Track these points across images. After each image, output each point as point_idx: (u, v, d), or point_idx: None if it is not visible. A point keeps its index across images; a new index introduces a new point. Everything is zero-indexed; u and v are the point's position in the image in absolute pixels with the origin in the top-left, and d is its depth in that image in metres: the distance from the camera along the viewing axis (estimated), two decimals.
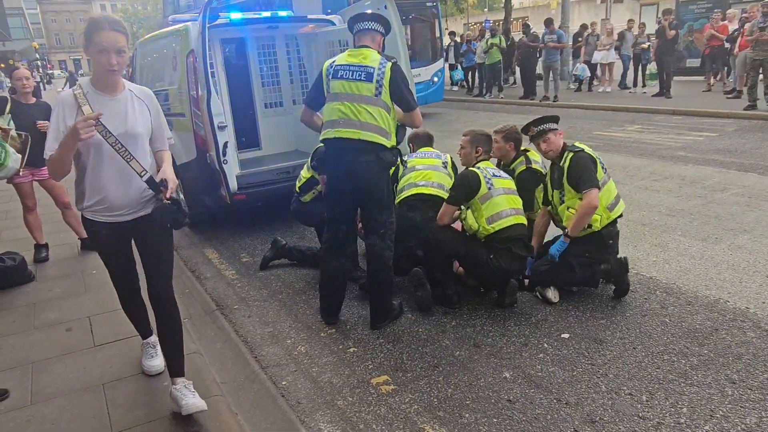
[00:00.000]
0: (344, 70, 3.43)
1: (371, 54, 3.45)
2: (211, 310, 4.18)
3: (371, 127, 3.39)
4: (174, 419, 2.76)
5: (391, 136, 3.48)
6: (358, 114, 3.38)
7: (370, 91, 3.37)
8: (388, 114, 3.44)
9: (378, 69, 3.38)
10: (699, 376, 2.97)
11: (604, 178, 3.76)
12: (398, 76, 3.42)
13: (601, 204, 3.69)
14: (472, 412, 2.83)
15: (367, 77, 3.38)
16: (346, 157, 3.46)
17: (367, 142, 3.39)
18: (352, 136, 3.40)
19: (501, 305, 3.85)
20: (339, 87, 3.44)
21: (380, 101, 3.39)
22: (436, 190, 4.11)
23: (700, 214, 5.36)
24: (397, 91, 3.43)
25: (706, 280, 4.04)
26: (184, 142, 5.79)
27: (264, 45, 6.76)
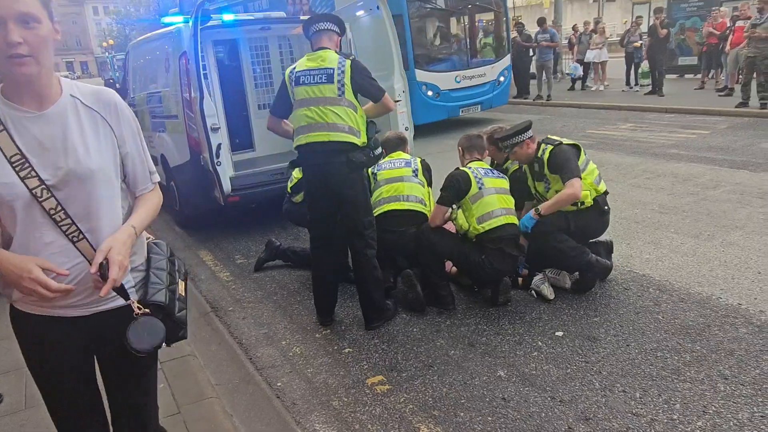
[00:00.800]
0: (305, 75, 3.45)
1: (329, 55, 3.46)
2: (205, 312, 4.18)
3: (340, 127, 3.41)
4: (168, 421, 2.75)
5: (361, 134, 3.50)
6: (324, 116, 3.40)
7: (333, 92, 3.39)
8: (354, 112, 3.46)
9: (338, 69, 3.40)
10: (692, 372, 2.99)
11: (585, 159, 3.87)
12: (358, 72, 3.45)
13: (587, 181, 3.79)
14: (466, 410, 2.84)
15: (327, 79, 3.39)
16: (318, 160, 3.49)
17: (338, 142, 3.41)
18: (322, 139, 3.42)
19: (495, 304, 3.87)
20: (302, 93, 3.45)
21: (345, 100, 3.42)
22: (409, 204, 4.04)
23: (692, 211, 5.39)
24: (360, 87, 3.47)
25: (699, 277, 4.06)
26: (178, 145, 5.80)
27: (257, 46, 6.76)
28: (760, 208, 5.30)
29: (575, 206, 3.80)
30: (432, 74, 10.40)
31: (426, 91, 10.23)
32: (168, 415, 2.79)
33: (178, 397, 2.95)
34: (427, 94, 10.26)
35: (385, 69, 6.00)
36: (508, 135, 3.92)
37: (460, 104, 10.82)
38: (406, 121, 5.89)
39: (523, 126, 3.90)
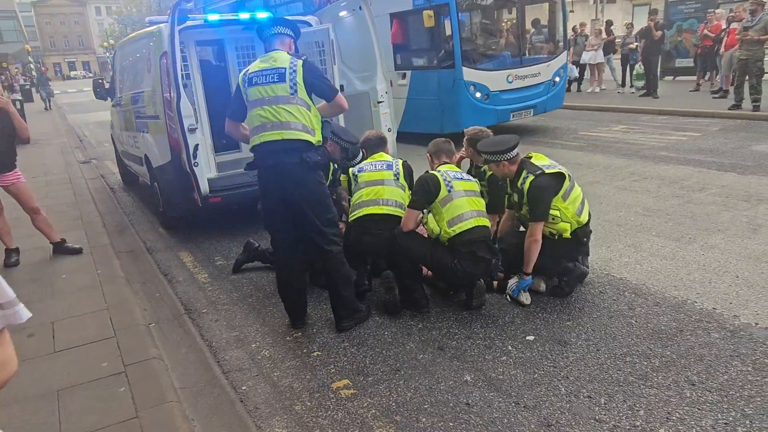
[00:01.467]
0: (257, 76, 3.44)
1: (281, 55, 3.47)
2: (179, 314, 4.15)
3: (293, 125, 3.40)
4: (125, 426, 2.73)
5: (316, 133, 3.49)
6: (278, 115, 3.39)
7: (285, 91, 3.39)
8: (308, 111, 3.45)
9: (290, 68, 3.41)
10: (659, 378, 2.95)
11: (570, 185, 3.76)
12: (310, 71, 3.46)
13: (569, 212, 3.74)
14: (429, 416, 2.80)
15: (279, 78, 3.39)
16: (271, 161, 3.46)
17: (291, 140, 3.40)
18: (276, 137, 3.41)
19: (469, 307, 3.83)
20: (255, 93, 3.44)
21: (298, 99, 3.41)
22: (389, 208, 3.98)
23: (676, 214, 5.35)
24: (313, 86, 3.47)
25: (676, 281, 4.02)
26: (159, 145, 5.77)
27: (243, 46, 6.73)
28: (744, 211, 5.25)
29: (552, 237, 3.77)
30: (481, 73, 9.19)
31: (474, 92, 9.10)
32: (124, 420, 2.76)
33: (138, 401, 2.92)
34: (474, 95, 9.11)
35: (368, 70, 5.98)
36: (487, 150, 3.84)
37: (512, 108, 9.58)
38: (389, 122, 5.86)
39: (505, 147, 3.75)
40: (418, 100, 9.63)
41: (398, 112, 9.34)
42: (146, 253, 5.54)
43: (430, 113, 9.43)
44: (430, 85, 9.37)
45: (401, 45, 9.86)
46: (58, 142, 13.61)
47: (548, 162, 3.83)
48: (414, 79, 9.67)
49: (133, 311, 4.02)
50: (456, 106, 9.09)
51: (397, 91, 9.57)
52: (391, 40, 9.68)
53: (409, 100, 9.79)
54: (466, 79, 9.02)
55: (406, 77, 9.77)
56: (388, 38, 9.60)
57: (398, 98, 9.41)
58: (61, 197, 7.73)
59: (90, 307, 4.11)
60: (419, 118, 9.64)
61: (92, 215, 6.69)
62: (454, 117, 9.11)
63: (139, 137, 6.53)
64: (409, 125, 9.63)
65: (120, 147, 8.23)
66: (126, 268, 4.97)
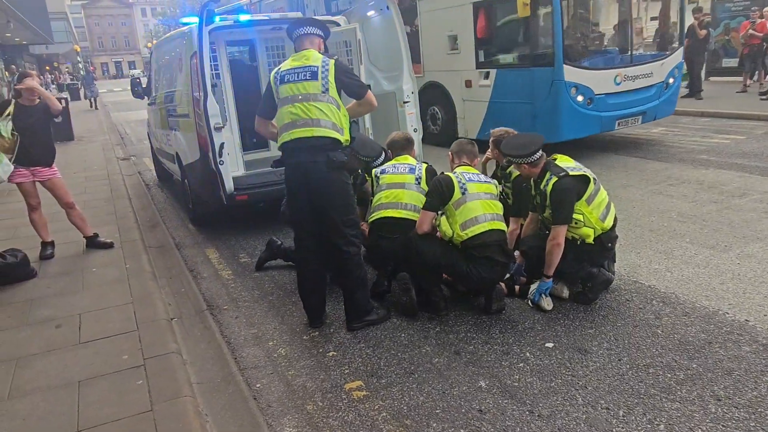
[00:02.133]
0: (290, 74, 3.48)
1: (313, 54, 3.51)
2: (201, 310, 4.21)
3: (323, 123, 3.43)
4: (139, 419, 2.78)
5: (344, 132, 3.50)
6: (308, 112, 3.42)
7: (317, 89, 3.42)
8: (338, 110, 3.48)
9: (322, 66, 3.44)
10: (683, 391, 2.82)
11: (594, 188, 3.65)
12: (341, 71, 3.49)
13: (593, 217, 3.65)
14: (440, 421, 2.75)
15: (312, 76, 3.42)
16: (300, 158, 3.48)
17: (320, 137, 3.42)
18: (306, 134, 3.43)
19: (488, 312, 3.75)
20: (287, 90, 3.47)
21: (328, 97, 3.44)
22: (407, 212, 3.94)
23: (712, 220, 5.13)
24: (344, 84, 3.49)
25: (708, 290, 3.85)
26: (189, 143, 5.88)
27: (274, 46, 6.80)
28: None
29: (575, 241, 3.68)
30: (585, 72, 7.57)
31: (575, 95, 7.48)
32: (139, 413, 2.81)
33: (154, 394, 2.97)
34: (576, 99, 7.49)
35: (395, 70, 5.95)
36: (510, 153, 3.77)
37: (618, 114, 7.96)
38: (415, 123, 5.82)
39: (529, 150, 3.67)
40: (504, 105, 8.23)
41: (478, 117, 8.70)
42: (174, 248, 5.66)
43: (520, 120, 7.64)
44: (521, 87, 7.89)
45: (486, 39, 8.40)
46: (101, 139, 14.06)
47: (573, 164, 3.72)
48: (500, 79, 8.24)
49: (156, 306, 4.10)
50: (553, 112, 7.53)
51: (478, 92, 8.63)
52: (478, 34, 8.36)
53: (492, 104, 8.42)
54: (567, 79, 7.41)
55: (489, 77, 8.38)
56: (469, 32, 8.46)
57: (478, 101, 8.65)
58: (98, 193, 7.98)
59: (116, 300, 4.21)
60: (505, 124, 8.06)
61: (126, 210, 6.88)
62: (551, 125, 7.50)
63: (171, 135, 6.68)
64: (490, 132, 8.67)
65: (155, 144, 8.43)
66: (154, 263, 5.09)
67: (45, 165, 5.09)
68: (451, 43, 8.90)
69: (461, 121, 9.13)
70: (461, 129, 9.19)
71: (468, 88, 8.80)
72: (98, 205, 7.16)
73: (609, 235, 3.76)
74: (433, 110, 9.72)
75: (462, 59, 8.74)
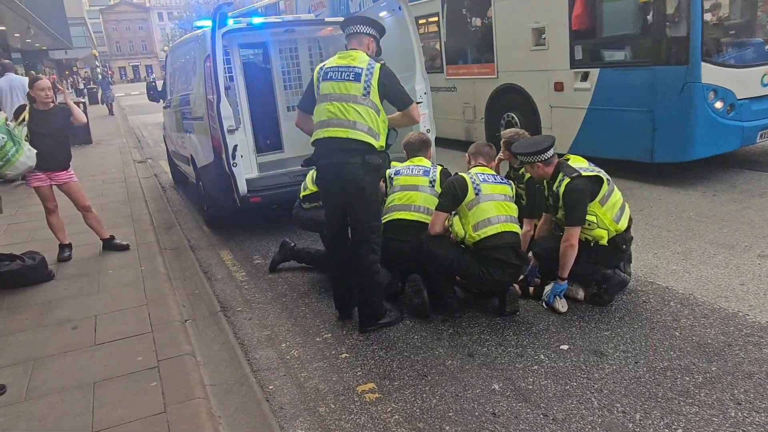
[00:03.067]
0: (333, 71, 3.46)
1: (360, 55, 3.47)
2: (215, 312, 4.23)
3: (360, 126, 3.39)
4: (152, 421, 2.79)
5: (380, 137, 3.46)
6: (346, 113, 3.39)
7: (358, 91, 3.38)
8: (377, 115, 3.43)
9: (366, 69, 3.40)
10: (702, 395, 2.76)
11: (608, 189, 3.60)
12: (387, 76, 3.44)
13: (606, 218, 3.59)
14: (453, 424, 2.73)
15: (355, 77, 3.39)
16: (334, 158, 3.47)
17: (355, 140, 3.39)
18: (341, 135, 3.40)
19: (502, 314, 3.72)
20: (328, 88, 3.46)
21: (369, 101, 3.39)
22: (420, 215, 3.91)
23: (732, 219, 5.03)
24: (388, 91, 3.45)
25: (727, 291, 3.77)
26: (203, 145, 5.92)
27: (287, 48, 6.83)
28: None
29: (588, 243, 3.64)
30: (726, 72, 5.96)
31: (713, 100, 5.89)
32: (152, 414, 2.83)
33: (168, 396, 2.98)
34: (714, 106, 5.90)
35: (408, 70, 5.92)
36: (521, 152, 3.73)
37: (762, 124, 6.30)
38: (428, 124, 5.79)
39: (539, 148, 3.63)
40: (609, 113, 6.52)
41: (570, 127, 6.99)
42: (189, 250, 5.70)
43: (631, 132, 6.35)
44: (635, 91, 6.21)
45: (586, 31, 6.69)
46: (118, 142, 14.24)
47: (586, 164, 3.67)
48: (605, 80, 6.50)
49: (170, 307, 4.13)
50: (684, 123, 5.91)
51: (572, 97, 6.91)
52: (574, 25, 6.70)
53: (592, 112, 6.71)
54: (704, 81, 5.78)
55: (588, 78, 6.66)
56: (562, 23, 6.82)
57: (571, 108, 6.96)
58: (115, 195, 8.07)
59: (131, 302, 4.25)
60: (609, 138, 6.58)
61: (142, 213, 6.95)
62: (679, 139, 5.99)
63: (186, 138, 6.74)
64: (588, 146, 6.66)
65: (171, 147, 8.51)
66: (169, 265, 5.13)
67: (61, 169, 5.16)
68: (536, 38, 7.28)
69: (547, 132, 7.37)
70: None
71: (558, 92, 7.11)
72: (115, 208, 7.25)
73: (623, 237, 3.70)
74: (509, 117, 8.13)
75: (550, 57, 7.09)
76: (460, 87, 9.10)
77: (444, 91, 9.40)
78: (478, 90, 8.66)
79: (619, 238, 3.64)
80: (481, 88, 8.57)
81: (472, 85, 8.77)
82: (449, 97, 9.34)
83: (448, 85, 9.33)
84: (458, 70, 9.09)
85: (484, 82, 8.45)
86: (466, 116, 9.04)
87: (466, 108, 9.00)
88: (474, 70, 8.72)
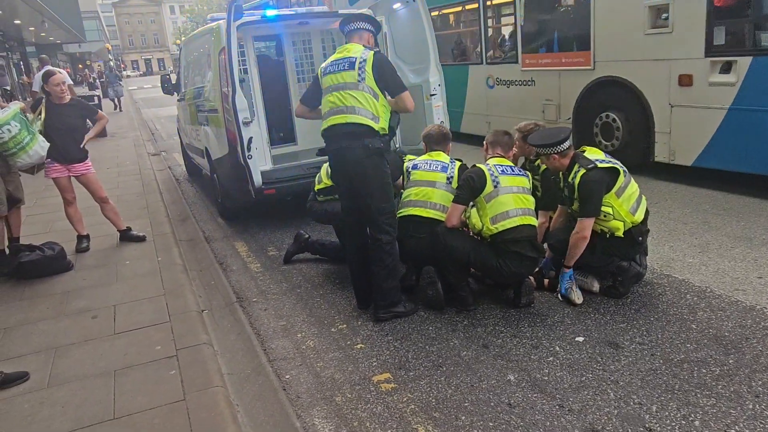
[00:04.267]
0: (332, 65, 3.66)
1: (354, 47, 3.66)
2: (231, 302, 4.27)
3: (357, 110, 3.54)
4: (172, 408, 2.84)
5: (381, 120, 3.58)
6: (344, 100, 3.56)
7: (353, 78, 3.54)
8: (375, 99, 3.56)
9: (360, 57, 3.56)
10: (719, 387, 2.75)
11: (625, 181, 3.58)
12: (380, 63, 3.57)
13: (622, 210, 3.58)
14: (468, 414, 2.75)
15: (350, 66, 3.56)
16: (337, 144, 3.63)
17: (354, 124, 3.54)
18: (340, 121, 3.57)
19: (516, 305, 3.72)
20: (328, 81, 3.65)
21: (364, 86, 3.54)
22: (435, 212, 3.89)
23: (748, 212, 4.98)
24: (381, 77, 3.56)
25: (745, 284, 3.75)
26: (218, 138, 5.96)
27: (300, 41, 6.83)
28: None
29: (604, 234, 3.64)
30: None
31: None
32: (172, 401, 2.88)
33: (186, 384, 3.03)
34: None
35: (421, 62, 5.92)
36: (537, 143, 3.72)
37: None
38: (442, 115, 5.78)
39: (556, 139, 3.61)
40: (762, 115, 5.17)
41: (700, 132, 5.67)
42: (204, 242, 5.75)
43: None
44: None
45: (734, 7, 5.39)
46: (133, 135, 14.35)
47: (603, 156, 3.65)
48: (759, 72, 5.11)
49: (187, 298, 4.18)
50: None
51: (705, 94, 5.56)
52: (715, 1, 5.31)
53: (736, 113, 5.34)
54: None
55: (733, 69, 5.28)
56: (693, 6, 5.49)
57: (703, 108, 5.60)
58: (130, 187, 8.16)
59: (149, 292, 4.31)
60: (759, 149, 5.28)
61: (157, 205, 7.02)
62: None
63: (200, 130, 6.78)
64: (726, 157, 5.54)
65: (185, 140, 8.57)
66: (185, 256, 5.18)
67: (79, 161, 5.22)
68: (654, 18, 5.90)
69: (663, 137, 6.04)
70: (662, 149, 6.09)
71: (684, 87, 5.72)
72: (131, 200, 7.32)
73: (640, 229, 3.67)
74: (606, 118, 6.70)
75: (675, 42, 5.70)
76: (540, 80, 7.62)
77: (517, 84, 8.06)
78: (566, 84, 7.17)
79: (635, 230, 3.63)
80: (570, 82, 7.08)
81: (557, 78, 7.29)
82: (524, 93, 7.94)
83: (523, 78, 7.92)
84: (539, 60, 7.56)
85: (575, 74, 6.97)
86: (547, 116, 7.45)
87: (546, 106, 7.53)
88: (561, 60, 7.19)
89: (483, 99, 8.87)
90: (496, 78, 8.48)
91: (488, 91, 8.70)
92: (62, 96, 5.04)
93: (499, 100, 8.49)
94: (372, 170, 3.59)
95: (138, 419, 2.77)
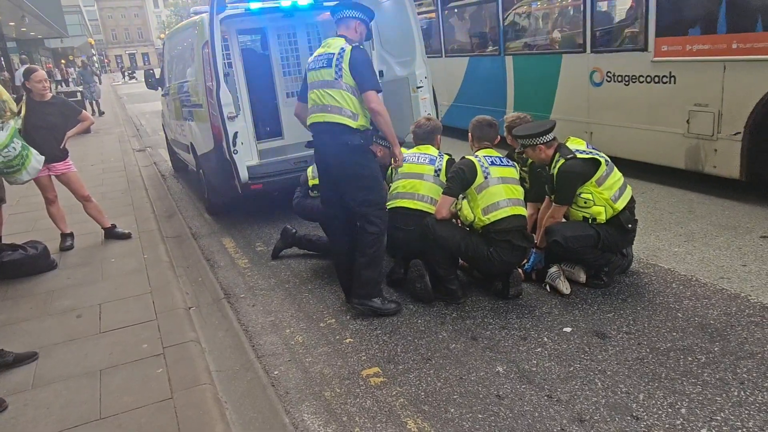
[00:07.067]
0: (314, 61, 3.65)
1: (335, 41, 3.60)
2: (218, 299, 4.24)
3: (333, 109, 3.52)
4: (159, 406, 2.81)
5: (359, 118, 3.54)
6: (322, 98, 3.56)
7: (330, 76, 3.52)
8: (353, 96, 3.52)
9: (338, 54, 3.51)
10: (705, 375, 2.78)
11: (606, 170, 3.61)
12: (355, 58, 3.49)
13: (603, 197, 3.61)
14: (457, 406, 2.75)
15: (327, 63, 3.54)
16: (319, 141, 3.68)
17: (331, 123, 3.54)
18: (319, 120, 3.59)
19: (505, 297, 3.73)
20: (311, 77, 3.66)
21: (342, 83, 3.51)
22: (423, 204, 3.91)
23: (732, 201, 5.03)
24: (354, 73, 3.48)
25: (730, 273, 3.78)
26: (203, 133, 5.90)
27: (285, 34, 6.76)
28: None
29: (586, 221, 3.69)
30: None
31: None
32: (159, 400, 2.85)
33: (174, 382, 3.00)
34: None
35: (407, 55, 5.89)
36: (522, 134, 3.74)
37: None
38: (429, 108, 5.76)
39: (540, 130, 3.67)
40: None
41: None
42: (191, 238, 5.70)
43: None
44: None
45: None
46: (117, 131, 14.19)
47: (584, 147, 3.67)
48: None
49: (174, 295, 4.14)
50: None
51: None
52: None
53: None
54: None
55: None
56: None
57: None
58: (115, 184, 8.06)
59: (135, 290, 4.26)
60: None
61: (143, 201, 6.94)
62: None
63: (185, 125, 6.71)
64: None
65: (170, 135, 8.48)
66: (171, 253, 5.13)
67: (59, 160, 5.13)
68: None
69: None
70: None
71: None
72: (115, 197, 7.24)
73: (627, 217, 3.69)
74: None
75: None
76: (684, 76, 5.28)
77: (646, 81, 5.64)
78: (733, 83, 4.87)
79: (623, 217, 3.64)
80: (742, 81, 4.80)
81: (719, 73, 4.94)
82: (656, 94, 5.57)
83: (656, 73, 5.52)
84: (686, 47, 5.21)
85: (751, 68, 4.70)
86: (696, 128, 5.26)
87: (696, 114, 5.23)
88: (723, 47, 4.87)
89: (582, 101, 6.47)
90: (606, 72, 6.08)
91: (591, 89, 6.32)
92: (44, 93, 4.95)
93: (608, 102, 6.13)
94: (352, 167, 3.57)
95: (125, 419, 2.74)
